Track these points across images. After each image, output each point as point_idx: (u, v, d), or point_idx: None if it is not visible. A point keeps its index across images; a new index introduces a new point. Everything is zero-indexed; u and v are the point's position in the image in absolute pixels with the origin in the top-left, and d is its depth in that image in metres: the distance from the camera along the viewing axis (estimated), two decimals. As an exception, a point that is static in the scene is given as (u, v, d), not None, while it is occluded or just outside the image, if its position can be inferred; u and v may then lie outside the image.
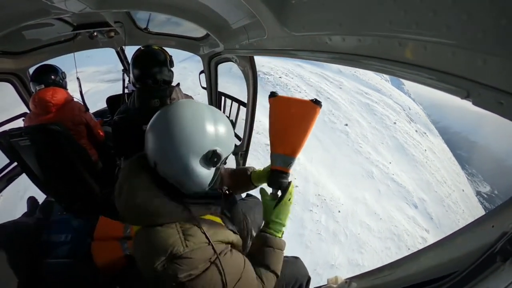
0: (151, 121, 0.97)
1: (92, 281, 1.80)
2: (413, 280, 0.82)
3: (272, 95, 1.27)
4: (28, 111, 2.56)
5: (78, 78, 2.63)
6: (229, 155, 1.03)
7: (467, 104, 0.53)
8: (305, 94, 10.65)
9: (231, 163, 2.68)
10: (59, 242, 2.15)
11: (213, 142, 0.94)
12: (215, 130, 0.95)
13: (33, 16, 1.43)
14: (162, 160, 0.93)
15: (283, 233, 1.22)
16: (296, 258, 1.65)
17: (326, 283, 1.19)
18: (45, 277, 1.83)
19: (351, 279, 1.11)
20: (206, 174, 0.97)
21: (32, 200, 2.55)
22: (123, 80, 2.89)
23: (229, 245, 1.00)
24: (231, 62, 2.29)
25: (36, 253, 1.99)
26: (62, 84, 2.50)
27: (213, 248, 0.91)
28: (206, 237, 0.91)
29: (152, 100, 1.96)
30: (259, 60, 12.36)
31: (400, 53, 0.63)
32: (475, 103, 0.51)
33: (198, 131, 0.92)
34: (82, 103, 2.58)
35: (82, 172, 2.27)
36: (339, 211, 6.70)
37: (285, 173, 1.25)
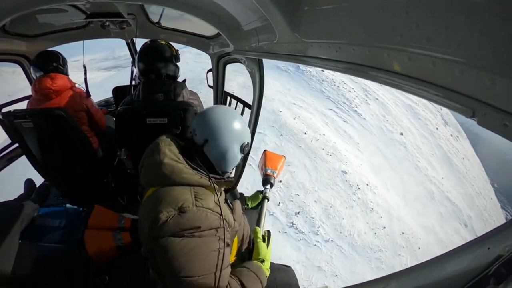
0: (210, 111, 1.25)
1: (82, 268, 1.79)
2: None
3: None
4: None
5: (84, 66, 2.64)
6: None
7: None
8: (355, 94, 10.08)
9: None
10: (53, 226, 2.15)
11: (247, 137, 1.29)
12: (248, 131, 1.31)
13: (49, 1, 1.44)
14: (213, 140, 1.19)
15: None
16: (288, 267, 1.69)
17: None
18: (36, 260, 1.82)
19: (341, 290, 1.10)
20: (238, 158, 1.27)
21: (29, 182, 2.55)
22: (132, 72, 2.90)
23: (223, 233, 1.10)
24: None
25: (29, 236, 1.99)
26: (63, 71, 2.49)
27: (220, 217, 1.08)
28: (218, 206, 1.10)
29: (156, 94, 1.97)
30: None
31: (408, 67, 0.63)
32: (480, 123, 0.51)
33: (242, 127, 1.26)
34: (85, 89, 2.57)
35: (82, 159, 2.28)
36: (419, 248, 6.56)
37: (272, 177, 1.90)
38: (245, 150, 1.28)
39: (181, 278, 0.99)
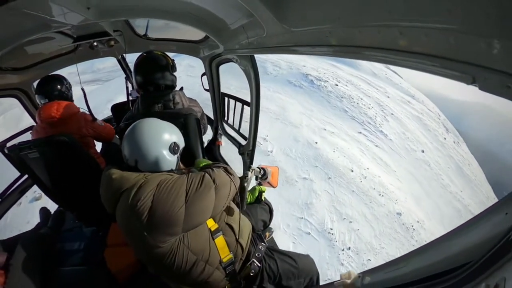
0: (126, 133, 1.36)
1: (106, 286, 1.82)
2: (427, 272, 0.81)
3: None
4: (34, 124, 2.60)
5: (82, 89, 2.63)
6: (183, 146, 1.48)
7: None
8: (375, 111, 9.78)
9: (239, 163, 2.69)
10: (73, 250, 2.19)
11: (172, 138, 1.39)
12: (169, 131, 1.41)
13: (34, 32, 1.45)
14: (142, 156, 1.32)
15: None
16: (307, 255, 1.71)
17: (339, 278, 1.18)
18: (60, 285, 1.86)
19: (364, 273, 1.09)
20: (172, 160, 1.39)
21: (44, 211, 2.60)
22: (127, 88, 2.91)
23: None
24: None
25: (51, 262, 2.03)
26: (67, 96, 2.46)
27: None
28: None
29: (156, 105, 1.98)
30: (297, 60, 11.84)
31: (401, 42, 0.62)
32: (482, 88, 0.50)
33: (161, 132, 1.37)
34: (89, 113, 2.59)
35: (91, 181, 2.30)
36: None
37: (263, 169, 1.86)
38: (176, 150, 1.39)
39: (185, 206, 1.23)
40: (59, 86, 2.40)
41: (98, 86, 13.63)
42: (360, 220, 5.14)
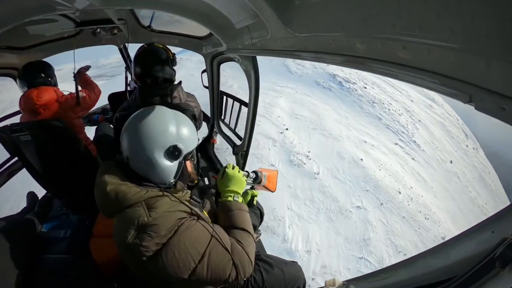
0: (125, 123, 1.17)
1: (90, 277, 1.80)
2: (411, 284, 0.82)
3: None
4: None
5: (74, 76, 2.58)
6: (191, 151, 1.21)
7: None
8: (405, 118, 9.58)
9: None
10: (58, 237, 2.15)
11: (174, 139, 1.12)
12: (176, 129, 1.14)
13: (38, 12, 1.43)
14: (132, 155, 1.11)
15: (240, 198, 1.35)
16: (294, 262, 1.71)
17: (323, 285, 1.18)
18: (43, 272, 1.83)
19: (349, 281, 1.10)
20: (169, 166, 1.13)
21: (31, 195, 2.56)
22: (126, 78, 2.89)
23: (194, 216, 1.09)
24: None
25: (35, 248, 1.99)
26: (51, 82, 2.39)
27: (182, 211, 1.05)
28: (176, 201, 1.07)
29: (153, 98, 1.97)
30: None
31: (403, 56, 0.63)
32: (478, 108, 0.51)
33: (161, 129, 1.11)
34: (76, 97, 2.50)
35: (82, 168, 2.27)
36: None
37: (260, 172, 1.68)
38: (176, 155, 1.13)
39: (197, 267, 1.00)
40: (42, 73, 2.34)
41: (104, 82, 13.40)
42: (412, 250, 4.94)
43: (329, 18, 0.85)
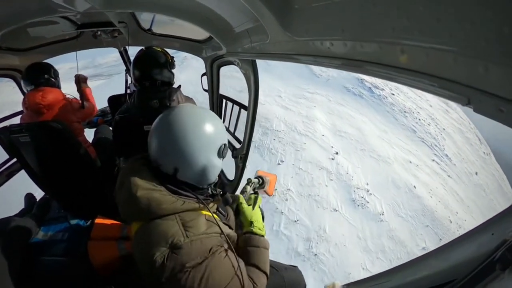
0: (157, 133, 1.04)
1: (87, 280, 1.78)
2: (412, 287, 0.81)
3: None
4: None
5: (75, 76, 2.63)
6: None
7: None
8: (434, 129, 9.49)
9: (231, 167, 2.68)
10: (56, 240, 2.14)
11: (222, 137, 1.08)
12: (220, 126, 1.10)
13: (39, 14, 1.44)
14: (185, 165, 1.01)
15: (264, 232, 1.31)
16: (295, 267, 1.70)
17: (323, 288, 1.18)
18: (40, 275, 1.81)
19: (348, 285, 1.10)
20: (219, 165, 1.10)
21: (29, 197, 2.54)
22: (126, 81, 2.90)
23: (225, 242, 1.03)
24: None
25: (32, 250, 1.98)
26: (54, 83, 2.43)
27: (219, 235, 0.99)
28: (212, 223, 1.00)
29: (151, 101, 1.97)
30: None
31: (402, 59, 0.64)
32: (476, 110, 0.51)
33: (212, 131, 1.03)
34: (80, 100, 2.55)
35: (81, 170, 2.27)
36: None
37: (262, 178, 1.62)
38: (224, 153, 1.10)
39: None
40: (46, 74, 2.37)
41: (101, 81, 13.32)
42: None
43: (328, 22, 0.85)
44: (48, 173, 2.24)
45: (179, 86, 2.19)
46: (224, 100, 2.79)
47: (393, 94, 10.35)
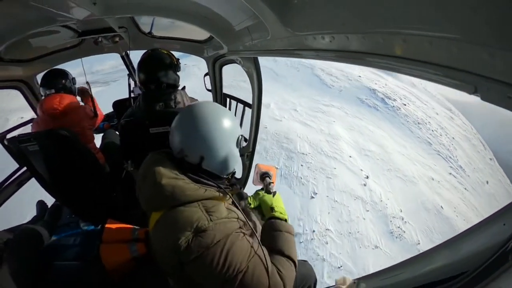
0: (183, 125, 1.12)
1: (100, 283, 1.81)
2: (422, 280, 0.80)
3: None
4: (35, 117, 2.61)
5: (87, 83, 2.68)
6: None
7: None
8: (447, 140, 9.36)
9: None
10: (68, 245, 2.18)
11: (238, 129, 1.17)
12: (236, 120, 1.19)
13: (40, 24, 1.46)
14: (211, 153, 1.09)
15: (287, 218, 1.30)
16: (305, 261, 1.70)
17: (334, 284, 1.17)
18: (53, 279, 1.84)
19: (360, 279, 1.09)
20: (238, 155, 1.18)
21: (41, 204, 2.59)
22: (129, 85, 2.92)
23: (247, 227, 1.09)
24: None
25: (45, 256, 2.02)
26: (71, 90, 2.51)
27: (238, 220, 1.05)
28: (231, 210, 1.06)
29: (157, 103, 1.98)
30: (345, 67, 11.30)
31: (404, 49, 0.62)
32: (484, 98, 0.50)
33: (232, 122, 1.13)
34: (92, 108, 2.60)
35: (90, 176, 2.30)
36: None
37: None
38: (242, 144, 1.19)
39: (233, 279, 0.96)
40: (63, 80, 2.45)
41: (101, 88, 13.39)
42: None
43: (328, 16, 0.84)
44: (57, 180, 2.28)
45: (184, 88, 2.20)
46: (228, 99, 2.79)
47: (405, 104, 10.26)
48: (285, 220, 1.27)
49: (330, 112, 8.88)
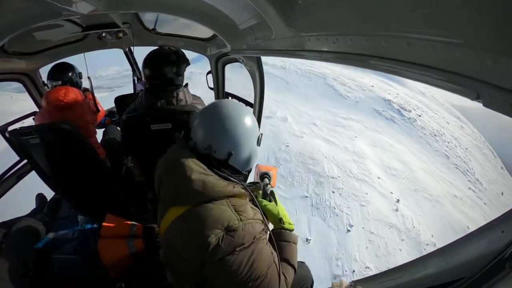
0: (211, 122, 1.13)
1: (97, 278, 1.82)
2: (420, 285, 0.80)
3: None
4: (37, 110, 2.61)
5: (89, 78, 2.69)
6: None
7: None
8: (461, 151, 9.25)
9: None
10: (66, 238, 2.18)
11: (258, 128, 1.20)
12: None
13: (44, 18, 1.46)
14: (239, 149, 1.12)
15: (293, 227, 1.33)
16: (302, 262, 1.70)
17: (330, 286, 1.17)
18: (51, 272, 1.85)
19: (356, 282, 1.09)
20: (258, 152, 1.22)
21: (40, 197, 2.60)
22: (133, 81, 2.93)
23: (266, 230, 1.10)
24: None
25: (44, 249, 2.02)
26: (77, 83, 2.55)
27: (263, 222, 1.06)
28: (261, 212, 1.09)
29: (159, 100, 1.98)
30: (355, 76, 11.18)
31: (408, 53, 0.62)
32: (486, 105, 0.50)
33: (254, 122, 1.17)
34: (93, 103, 2.61)
35: (90, 170, 2.30)
36: None
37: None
38: (260, 142, 1.22)
39: (252, 283, 0.98)
40: (70, 73, 2.52)
41: (105, 94, 13.20)
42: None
43: (333, 16, 0.84)
44: (58, 174, 2.28)
45: (186, 85, 2.20)
46: (230, 98, 2.79)
47: (419, 115, 10.16)
48: (292, 230, 1.31)
49: (350, 126, 8.69)
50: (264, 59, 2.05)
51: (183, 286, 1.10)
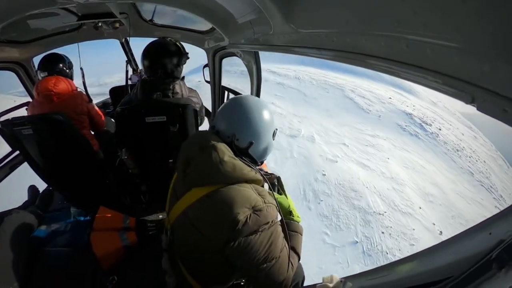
0: (236, 113, 1.22)
1: (90, 270, 1.82)
2: (408, 282, 0.82)
3: None
4: (31, 100, 2.57)
5: (81, 68, 2.65)
6: None
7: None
8: (481, 166, 9.12)
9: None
10: (59, 231, 2.17)
11: (274, 122, 1.28)
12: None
13: (39, 5, 1.42)
14: (259, 139, 1.22)
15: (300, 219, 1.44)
16: None
17: (321, 281, 1.19)
18: (43, 265, 1.85)
19: (347, 278, 1.11)
20: (273, 145, 1.31)
21: (32, 189, 2.57)
22: (126, 72, 2.89)
23: (278, 215, 1.19)
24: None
25: (36, 241, 2.01)
26: (67, 74, 2.50)
27: (277, 209, 1.16)
28: (275, 199, 1.18)
29: (154, 92, 1.97)
30: (370, 87, 10.98)
31: (406, 54, 0.62)
32: (480, 109, 0.50)
33: (272, 116, 1.26)
34: (85, 94, 2.58)
35: (83, 162, 2.28)
36: None
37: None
38: (275, 135, 1.31)
39: (267, 264, 1.08)
40: (61, 64, 2.46)
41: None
42: None
43: (332, 14, 0.84)
44: (51, 165, 2.26)
45: (183, 78, 2.18)
46: (226, 92, 2.78)
47: (440, 129, 10.07)
48: (299, 222, 1.42)
49: (379, 145, 8.31)
50: (276, 69, 2.06)
51: (178, 273, 1.21)
